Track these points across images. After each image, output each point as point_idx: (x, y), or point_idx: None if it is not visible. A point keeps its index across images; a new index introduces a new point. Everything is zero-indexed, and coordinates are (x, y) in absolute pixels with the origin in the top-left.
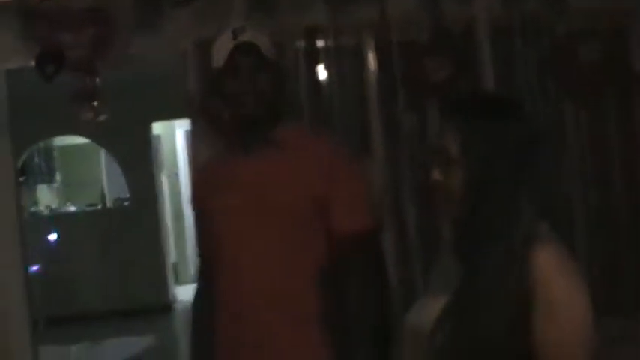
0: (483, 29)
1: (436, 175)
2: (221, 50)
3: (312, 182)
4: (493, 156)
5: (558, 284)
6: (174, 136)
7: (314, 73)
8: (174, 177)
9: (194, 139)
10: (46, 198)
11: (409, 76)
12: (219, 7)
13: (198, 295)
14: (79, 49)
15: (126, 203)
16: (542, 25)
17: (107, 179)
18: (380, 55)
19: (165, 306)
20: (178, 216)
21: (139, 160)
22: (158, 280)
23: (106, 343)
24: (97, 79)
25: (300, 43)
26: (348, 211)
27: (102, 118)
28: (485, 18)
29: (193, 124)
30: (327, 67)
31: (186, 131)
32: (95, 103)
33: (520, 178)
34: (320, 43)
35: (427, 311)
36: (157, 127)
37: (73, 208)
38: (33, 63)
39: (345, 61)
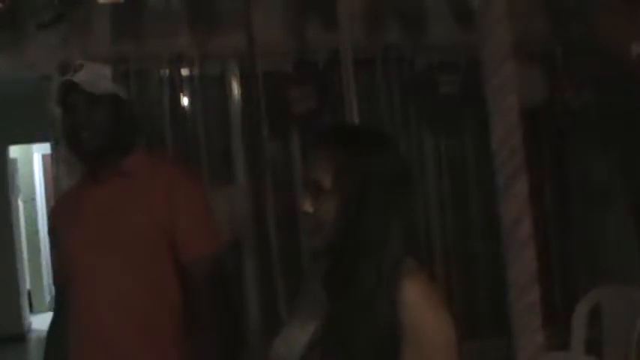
0: (347, 60)
1: (306, 206)
2: (54, 89)
3: (155, 209)
4: (366, 188)
5: (425, 316)
6: (31, 160)
7: (178, 101)
8: (31, 202)
9: (55, 163)
10: None
11: (273, 105)
12: (85, 31)
13: (53, 324)
14: None
15: None
16: (404, 56)
17: None
18: (244, 84)
19: (19, 335)
20: (34, 242)
21: None
22: (12, 308)
23: None
24: None
25: (165, 71)
26: (189, 237)
27: None
28: (348, 48)
29: (55, 148)
30: (191, 95)
31: (44, 155)
32: None
33: (390, 210)
34: (185, 71)
35: (294, 340)
36: (14, 150)
37: None
38: None
39: (209, 89)
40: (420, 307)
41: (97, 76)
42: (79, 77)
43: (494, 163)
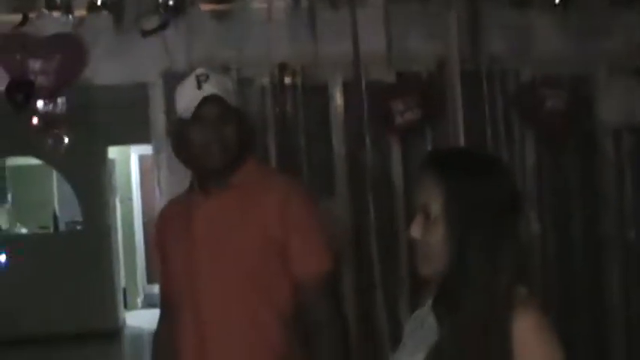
0: (453, 71)
1: (415, 232)
2: (185, 99)
3: (267, 224)
4: (475, 215)
5: (538, 349)
6: (129, 161)
7: (280, 110)
8: (128, 202)
9: (157, 169)
10: None
11: (376, 116)
12: (188, 39)
13: (159, 330)
14: (47, 75)
15: (78, 227)
16: (509, 69)
17: (59, 202)
18: (347, 94)
19: (114, 331)
20: (130, 241)
21: (93, 184)
22: (107, 305)
23: None
24: (63, 106)
25: (266, 79)
26: (302, 253)
27: (65, 144)
28: (455, 59)
29: (157, 154)
30: (293, 105)
31: (141, 156)
32: (58, 130)
33: (501, 237)
34: (287, 80)
35: None
36: (112, 151)
37: (24, 230)
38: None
39: (311, 99)
40: (533, 339)
41: (225, 88)
42: (214, 89)
43: None
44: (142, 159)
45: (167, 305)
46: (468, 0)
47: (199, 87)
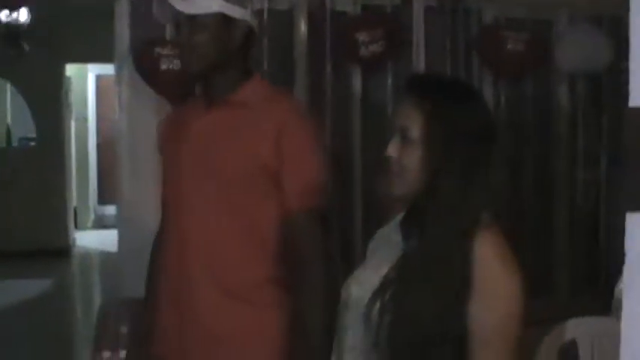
0: (419, 6)
1: (392, 150)
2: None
3: (260, 152)
4: (454, 141)
5: (493, 267)
6: (86, 80)
7: None
8: (83, 121)
9: (119, 86)
10: None
11: (339, 46)
12: None
13: (157, 236)
14: None
15: (32, 143)
16: (472, 8)
17: (13, 117)
18: (312, 22)
19: (65, 250)
20: (83, 161)
21: (49, 101)
22: (59, 223)
23: (3, 283)
24: (27, 16)
25: None
26: (293, 186)
27: (25, 55)
28: None
29: (120, 70)
30: (258, 29)
31: (98, 75)
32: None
33: (475, 163)
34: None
35: (366, 281)
36: (70, 69)
37: None
38: None
39: (276, 24)
40: (490, 259)
41: None
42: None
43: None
44: (98, 78)
45: (164, 209)
46: None
47: None
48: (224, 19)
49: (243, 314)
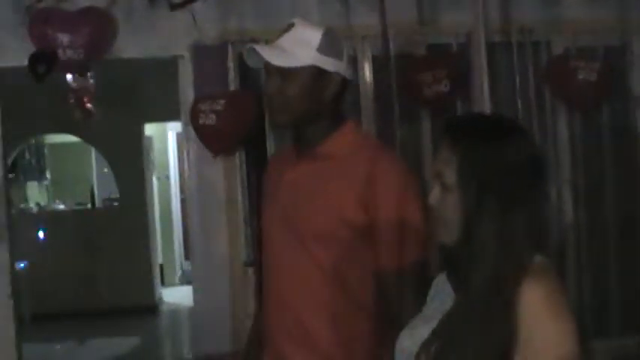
0: (480, 43)
1: (432, 199)
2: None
3: (345, 203)
4: (488, 182)
5: (544, 324)
6: (166, 138)
7: None
8: (165, 179)
9: (186, 143)
10: (35, 195)
11: (404, 88)
12: (217, 11)
13: (255, 293)
14: (76, 49)
15: (115, 203)
16: (540, 40)
17: (97, 178)
18: (376, 66)
19: (151, 307)
20: (167, 218)
21: (130, 161)
22: (144, 281)
23: (91, 342)
24: (91, 80)
25: None
26: (386, 241)
27: (93, 117)
28: (481, 31)
29: (185, 129)
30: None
31: (178, 133)
32: (88, 104)
33: (516, 204)
34: None
35: (418, 334)
36: (149, 128)
37: (61, 206)
38: (25, 62)
39: None
40: (537, 305)
41: (297, 44)
42: (272, 48)
43: None
44: (179, 136)
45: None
46: None
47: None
48: (318, 71)
49: None
